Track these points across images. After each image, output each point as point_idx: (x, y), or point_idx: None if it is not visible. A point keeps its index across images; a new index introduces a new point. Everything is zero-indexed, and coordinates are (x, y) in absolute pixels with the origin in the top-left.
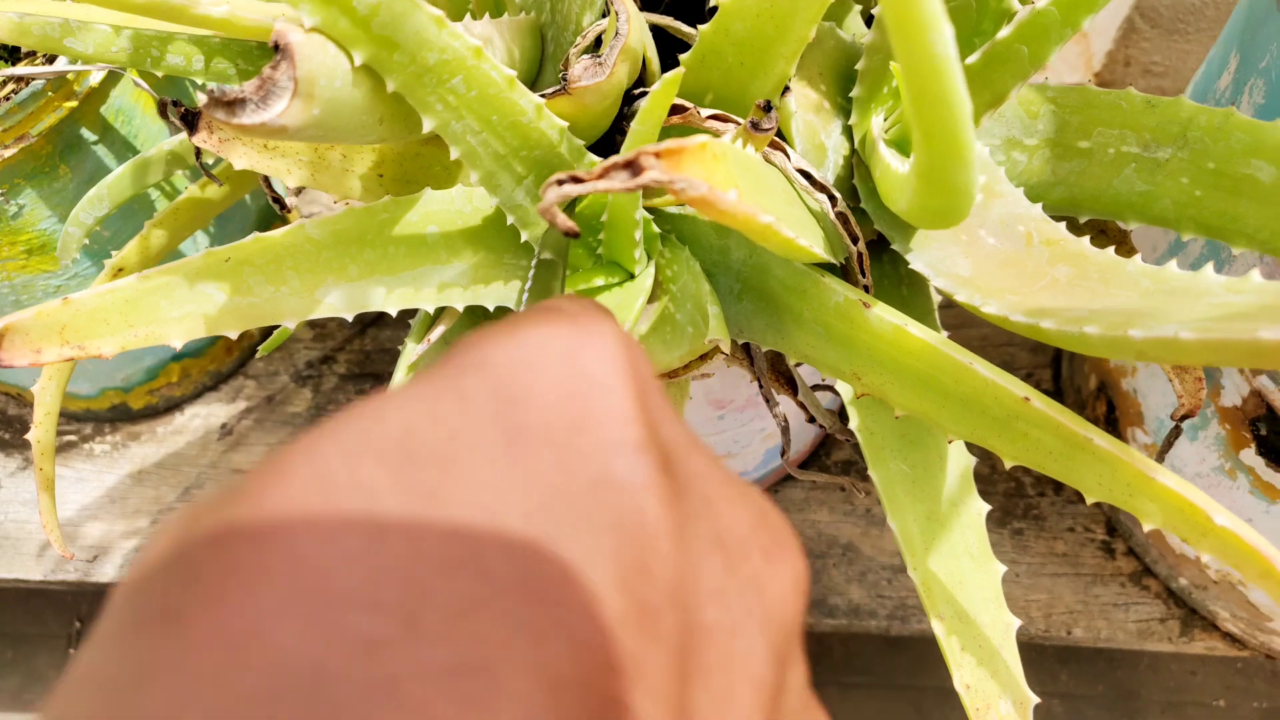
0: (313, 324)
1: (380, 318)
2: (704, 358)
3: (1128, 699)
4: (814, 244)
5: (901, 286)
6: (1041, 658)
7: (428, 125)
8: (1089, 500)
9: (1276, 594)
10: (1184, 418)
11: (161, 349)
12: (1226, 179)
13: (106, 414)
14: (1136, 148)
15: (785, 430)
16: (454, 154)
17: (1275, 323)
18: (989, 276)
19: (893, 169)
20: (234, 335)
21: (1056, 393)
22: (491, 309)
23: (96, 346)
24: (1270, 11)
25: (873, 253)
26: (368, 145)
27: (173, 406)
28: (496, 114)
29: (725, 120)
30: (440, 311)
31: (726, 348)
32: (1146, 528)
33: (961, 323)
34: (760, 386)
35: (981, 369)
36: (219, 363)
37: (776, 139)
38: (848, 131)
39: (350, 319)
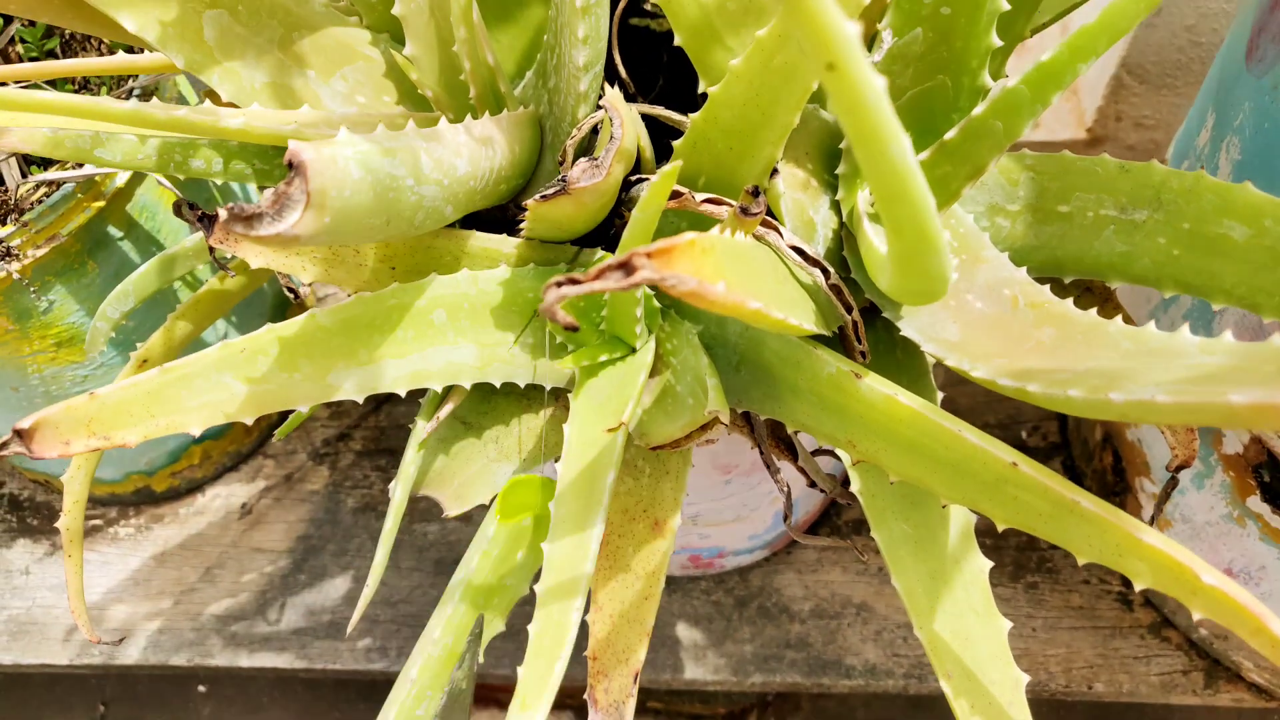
0: (329, 403)
1: (394, 394)
2: (705, 427)
3: None
4: (804, 320)
5: (896, 351)
6: (1071, 717)
7: None
8: (1080, 561)
9: (1269, 651)
10: (1179, 468)
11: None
12: (1201, 238)
13: (130, 497)
14: (1114, 210)
15: (788, 496)
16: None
17: (1244, 386)
18: (977, 340)
19: (876, 249)
20: (249, 421)
21: (1063, 445)
22: (498, 385)
23: (121, 437)
24: (1240, 72)
25: (867, 319)
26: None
27: (194, 488)
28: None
29: (718, 203)
30: (449, 389)
31: (726, 418)
32: (1138, 587)
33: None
34: (761, 453)
35: (970, 435)
36: (239, 443)
37: (769, 218)
38: (835, 206)
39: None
